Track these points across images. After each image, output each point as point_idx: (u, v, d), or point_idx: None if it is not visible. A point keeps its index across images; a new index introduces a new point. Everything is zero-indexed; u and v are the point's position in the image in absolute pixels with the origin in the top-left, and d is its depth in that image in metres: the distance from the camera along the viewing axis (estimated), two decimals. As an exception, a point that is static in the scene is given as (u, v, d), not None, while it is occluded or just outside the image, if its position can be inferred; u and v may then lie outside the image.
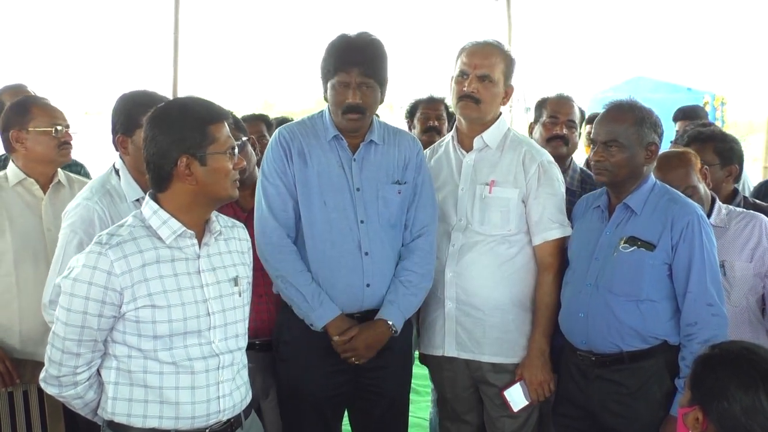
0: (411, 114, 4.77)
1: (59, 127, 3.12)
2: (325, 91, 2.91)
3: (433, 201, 3.05)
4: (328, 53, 2.86)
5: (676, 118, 5.96)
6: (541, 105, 3.76)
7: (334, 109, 2.90)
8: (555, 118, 3.61)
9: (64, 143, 3.14)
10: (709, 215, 3.04)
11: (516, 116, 10.77)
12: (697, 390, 2.11)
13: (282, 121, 4.84)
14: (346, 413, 3.19)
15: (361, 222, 2.91)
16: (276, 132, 3.00)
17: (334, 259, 2.89)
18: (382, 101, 2.95)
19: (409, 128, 4.77)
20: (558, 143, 3.54)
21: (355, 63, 2.80)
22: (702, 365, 2.12)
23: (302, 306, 2.87)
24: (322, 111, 3.00)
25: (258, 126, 4.34)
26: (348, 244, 2.90)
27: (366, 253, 2.90)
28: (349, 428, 3.23)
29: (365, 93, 2.84)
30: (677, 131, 5.30)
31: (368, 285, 2.91)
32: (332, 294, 2.89)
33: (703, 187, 3.10)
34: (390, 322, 2.90)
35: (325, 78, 2.89)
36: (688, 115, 5.92)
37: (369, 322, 2.91)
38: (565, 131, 3.59)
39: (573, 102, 3.71)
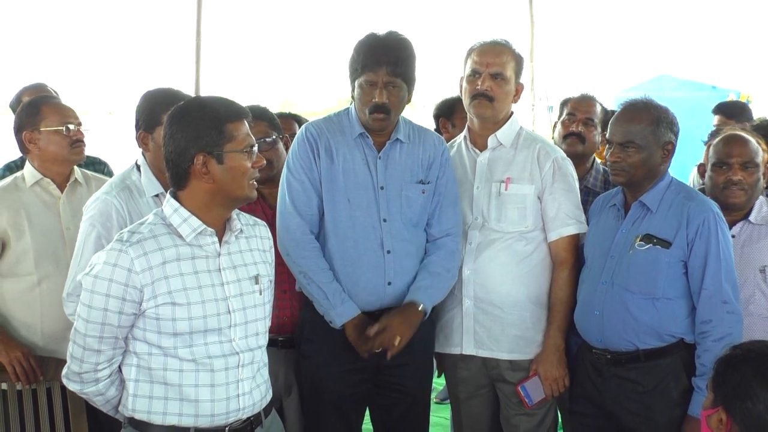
0: (449, 113, 4.54)
1: (71, 126, 3.12)
2: (353, 90, 2.91)
3: (456, 202, 3.04)
4: (357, 51, 2.87)
5: (714, 112, 5.76)
6: (564, 104, 3.73)
7: (360, 108, 2.90)
8: (573, 116, 3.58)
9: (76, 141, 3.13)
10: (748, 214, 3.01)
11: (538, 115, 10.73)
12: (720, 390, 2.08)
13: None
14: (367, 412, 3.19)
15: (384, 220, 2.91)
16: (303, 128, 3.01)
17: (356, 257, 2.90)
18: (409, 101, 2.96)
19: (446, 129, 4.57)
20: (573, 140, 3.50)
21: (383, 62, 2.80)
22: (724, 365, 2.10)
23: (323, 303, 2.88)
24: (347, 108, 3.00)
25: (290, 125, 4.34)
26: (370, 242, 2.90)
27: (388, 252, 2.91)
28: (371, 426, 3.23)
29: (392, 93, 2.84)
30: (715, 125, 5.20)
31: (389, 283, 2.92)
32: (354, 291, 2.90)
33: (761, 179, 3.07)
34: (420, 308, 2.88)
35: (353, 76, 2.89)
36: (723, 110, 5.65)
37: (398, 308, 2.88)
38: (581, 128, 3.53)
39: (594, 101, 3.67)
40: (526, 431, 3.12)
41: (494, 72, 3.01)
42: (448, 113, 4.28)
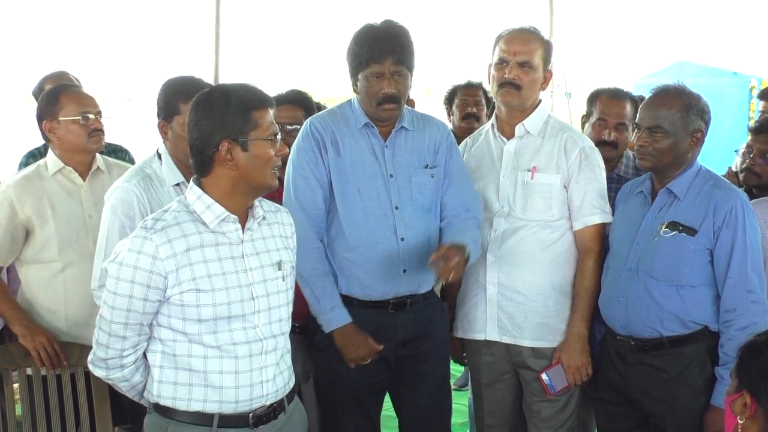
0: (449, 100, 4.73)
1: (89, 116, 3.12)
2: (354, 83, 2.91)
3: (470, 181, 3.04)
4: (358, 44, 2.85)
5: (760, 97, 5.68)
6: (593, 99, 3.52)
7: (367, 100, 2.89)
8: (604, 122, 3.40)
9: (94, 131, 3.13)
10: None
11: (557, 101, 10.69)
12: (744, 375, 2.06)
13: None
14: (390, 403, 3.20)
15: (396, 208, 2.92)
16: (307, 122, 3.01)
17: (370, 246, 2.91)
18: (410, 87, 2.96)
19: (448, 115, 4.72)
20: (607, 149, 3.35)
21: (388, 52, 2.80)
22: (748, 351, 2.07)
23: (315, 307, 2.91)
24: (350, 100, 3.00)
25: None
26: (383, 231, 2.91)
27: (402, 239, 2.91)
28: (389, 414, 3.24)
29: (399, 81, 2.84)
30: (761, 111, 5.15)
31: (404, 270, 2.92)
32: (369, 280, 2.91)
33: None
34: (467, 249, 2.77)
35: (356, 69, 2.87)
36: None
37: (451, 244, 2.77)
38: (614, 135, 3.38)
39: (625, 100, 3.47)
40: (547, 417, 3.13)
41: (521, 60, 3.00)
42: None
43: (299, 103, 3.22)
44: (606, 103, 3.45)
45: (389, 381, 3.06)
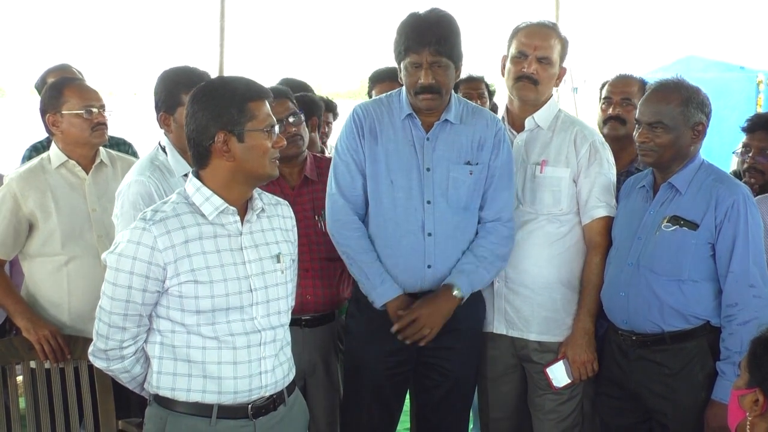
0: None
1: (93, 109, 3.11)
2: (400, 72, 2.91)
3: (510, 185, 2.99)
4: (399, 34, 2.85)
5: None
6: (602, 88, 3.62)
7: (407, 90, 2.90)
8: (609, 99, 3.47)
9: (98, 124, 3.13)
10: None
11: (563, 96, 10.64)
12: (757, 371, 2.04)
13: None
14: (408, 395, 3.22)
15: (428, 202, 2.91)
16: (352, 109, 3.03)
17: (396, 239, 2.91)
18: (458, 77, 2.95)
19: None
20: (614, 124, 3.40)
21: (426, 42, 2.78)
22: (762, 346, 2.06)
23: (365, 284, 2.91)
24: (400, 90, 3.00)
25: None
26: (411, 225, 2.90)
27: (429, 234, 2.90)
28: (405, 409, 3.23)
29: (437, 72, 2.82)
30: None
31: (429, 266, 2.91)
32: (393, 273, 2.91)
33: None
34: (455, 292, 2.86)
35: (398, 59, 2.88)
36: None
37: (430, 295, 2.88)
38: (618, 111, 3.41)
39: (630, 79, 3.54)
40: (551, 411, 3.12)
41: (541, 55, 2.99)
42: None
43: (283, 95, 3.18)
44: (610, 84, 3.53)
45: (411, 372, 3.06)
